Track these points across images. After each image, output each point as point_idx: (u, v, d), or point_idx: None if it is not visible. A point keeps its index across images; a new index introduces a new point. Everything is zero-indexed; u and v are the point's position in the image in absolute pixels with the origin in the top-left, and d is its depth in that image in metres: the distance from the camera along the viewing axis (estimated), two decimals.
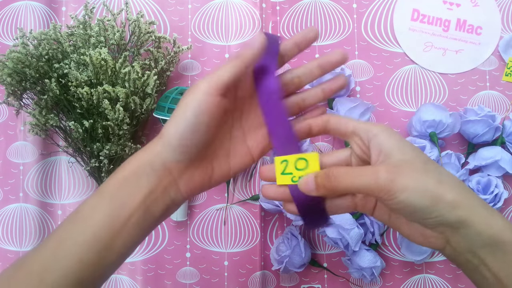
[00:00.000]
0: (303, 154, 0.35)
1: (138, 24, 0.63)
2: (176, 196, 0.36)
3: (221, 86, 0.34)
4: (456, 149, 0.65)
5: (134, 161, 0.35)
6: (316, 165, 0.35)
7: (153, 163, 0.35)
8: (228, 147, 0.39)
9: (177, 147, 0.34)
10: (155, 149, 0.35)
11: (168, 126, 0.35)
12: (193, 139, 0.34)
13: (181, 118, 0.34)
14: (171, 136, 0.34)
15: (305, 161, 0.35)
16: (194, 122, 0.34)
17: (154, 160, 0.35)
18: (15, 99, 0.63)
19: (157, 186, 0.34)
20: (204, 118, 0.34)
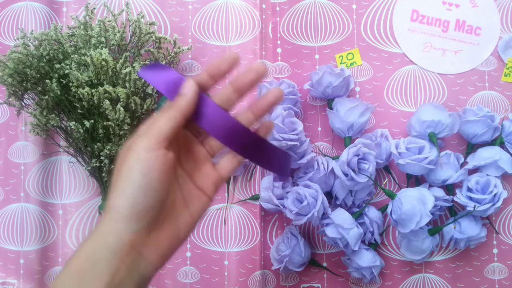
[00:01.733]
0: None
1: (139, 24, 0.63)
2: (145, 270, 0.33)
3: (162, 139, 0.32)
4: (455, 149, 0.66)
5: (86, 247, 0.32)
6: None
7: (108, 244, 0.31)
8: (182, 196, 0.36)
9: (131, 216, 0.31)
10: (106, 226, 0.31)
11: (114, 198, 0.31)
12: (147, 202, 0.31)
13: (127, 183, 0.31)
14: (121, 206, 0.31)
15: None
16: (143, 182, 0.31)
17: (109, 239, 0.31)
18: (16, 99, 0.64)
19: (119, 267, 0.31)
20: (154, 175, 0.31)
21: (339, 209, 0.59)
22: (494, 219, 0.65)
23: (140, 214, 0.31)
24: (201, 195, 0.37)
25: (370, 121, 0.66)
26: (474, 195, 0.59)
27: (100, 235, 0.31)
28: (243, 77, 0.36)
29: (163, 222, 0.34)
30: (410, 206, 0.55)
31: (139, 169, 0.31)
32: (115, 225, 0.31)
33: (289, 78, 0.67)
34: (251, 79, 0.36)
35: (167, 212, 0.34)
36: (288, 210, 0.59)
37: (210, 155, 0.38)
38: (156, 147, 0.32)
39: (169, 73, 0.35)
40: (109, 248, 0.31)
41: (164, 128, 0.32)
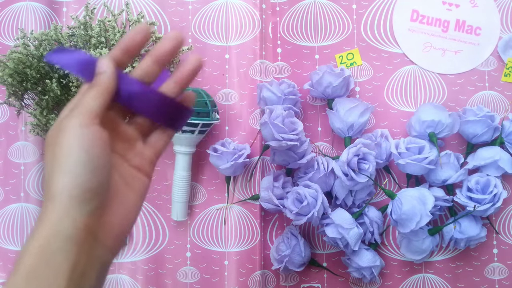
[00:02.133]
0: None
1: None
2: (104, 256, 0.31)
3: (94, 116, 0.31)
4: (455, 149, 0.66)
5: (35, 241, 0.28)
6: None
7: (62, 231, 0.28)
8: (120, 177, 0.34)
9: (81, 196, 0.29)
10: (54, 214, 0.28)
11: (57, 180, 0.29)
12: (94, 180, 0.29)
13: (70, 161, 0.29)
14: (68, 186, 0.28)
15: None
16: (87, 159, 0.29)
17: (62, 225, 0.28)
18: (16, 99, 0.64)
19: (79, 257, 0.28)
20: (96, 151, 0.30)
21: (339, 209, 0.59)
22: (494, 219, 0.65)
23: (90, 193, 0.29)
24: (139, 174, 0.35)
25: (370, 121, 0.66)
26: (474, 195, 0.59)
27: (49, 224, 0.28)
28: (162, 46, 0.34)
29: (112, 204, 0.32)
30: (410, 206, 0.55)
31: (81, 145, 0.29)
32: (65, 209, 0.28)
33: (289, 78, 0.67)
34: (171, 47, 0.34)
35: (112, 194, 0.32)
36: (288, 210, 0.59)
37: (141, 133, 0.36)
38: (90, 123, 0.30)
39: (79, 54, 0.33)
40: (65, 236, 0.28)
41: (93, 105, 0.31)
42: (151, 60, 0.34)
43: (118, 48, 0.34)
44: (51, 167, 0.29)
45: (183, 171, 0.63)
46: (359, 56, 0.68)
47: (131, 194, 0.34)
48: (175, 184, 0.64)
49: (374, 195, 0.64)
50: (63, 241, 0.28)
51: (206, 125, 0.61)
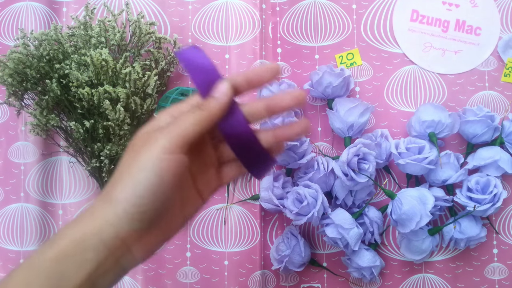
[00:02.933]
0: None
1: (139, 24, 0.63)
2: (128, 265, 0.31)
3: (184, 144, 0.30)
4: (455, 149, 0.66)
5: (76, 230, 0.30)
6: None
7: (102, 234, 0.29)
8: (180, 198, 0.34)
9: (135, 214, 0.29)
10: (104, 216, 0.29)
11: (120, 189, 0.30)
12: (154, 203, 0.30)
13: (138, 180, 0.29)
14: (127, 201, 0.29)
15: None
16: (155, 183, 0.29)
17: (104, 230, 0.29)
18: (16, 99, 0.64)
19: (106, 259, 0.29)
20: (167, 178, 0.29)
21: (339, 209, 0.59)
22: (494, 219, 0.65)
23: (145, 214, 0.30)
24: (197, 198, 0.35)
25: (370, 121, 0.66)
26: (474, 195, 0.59)
27: (95, 222, 0.29)
28: (281, 100, 0.33)
29: (159, 223, 0.32)
30: (410, 206, 0.55)
31: (154, 170, 0.29)
32: (115, 219, 0.29)
33: (289, 78, 0.67)
34: (288, 104, 0.33)
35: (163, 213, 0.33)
36: (288, 210, 0.59)
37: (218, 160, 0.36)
38: (176, 150, 0.30)
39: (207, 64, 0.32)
40: (102, 240, 0.29)
41: (189, 132, 0.30)
42: (265, 107, 0.34)
43: (243, 77, 0.33)
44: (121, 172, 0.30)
45: None
46: (359, 56, 0.68)
47: (181, 215, 0.34)
48: None
49: (374, 195, 0.64)
50: (98, 243, 0.29)
51: None
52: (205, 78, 0.32)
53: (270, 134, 0.35)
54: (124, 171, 0.30)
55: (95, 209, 0.30)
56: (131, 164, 0.30)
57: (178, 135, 0.30)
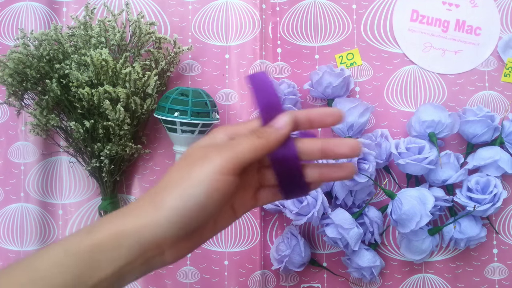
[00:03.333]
0: None
1: (139, 24, 0.63)
2: (156, 266, 0.33)
3: (239, 167, 0.31)
4: (455, 149, 0.66)
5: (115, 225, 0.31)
6: None
7: (141, 235, 0.30)
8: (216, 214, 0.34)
9: (177, 224, 0.30)
10: (147, 219, 0.30)
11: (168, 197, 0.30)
12: (197, 219, 0.31)
13: (189, 194, 0.30)
14: (173, 211, 0.30)
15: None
16: (204, 202, 0.30)
17: (143, 231, 0.30)
18: (16, 99, 0.64)
19: (138, 258, 0.30)
20: (216, 198, 0.30)
21: (339, 209, 0.59)
22: (494, 219, 0.65)
23: (186, 225, 0.31)
24: (232, 215, 0.36)
25: (370, 121, 0.66)
26: (474, 195, 0.59)
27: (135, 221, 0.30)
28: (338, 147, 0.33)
29: (195, 233, 0.33)
30: (410, 206, 0.55)
31: (205, 188, 0.30)
32: (156, 224, 0.30)
33: (289, 78, 0.67)
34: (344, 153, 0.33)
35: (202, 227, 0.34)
36: (288, 210, 0.59)
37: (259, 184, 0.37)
38: (230, 172, 0.31)
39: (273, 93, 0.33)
40: (139, 240, 0.30)
41: (245, 157, 0.31)
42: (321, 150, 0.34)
43: (306, 115, 0.34)
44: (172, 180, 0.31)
45: None
46: (359, 56, 0.68)
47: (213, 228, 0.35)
48: None
49: (374, 195, 0.64)
50: (134, 243, 0.30)
51: (206, 125, 0.61)
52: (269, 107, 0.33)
53: (317, 171, 0.35)
54: (175, 181, 0.31)
55: (138, 208, 0.31)
56: (184, 176, 0.31)
57: (233, 158, 0.31)
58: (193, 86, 0.68)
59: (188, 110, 0.59)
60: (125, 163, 0.65)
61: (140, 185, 0.67)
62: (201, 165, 0.31)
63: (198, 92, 0.61)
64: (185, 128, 0.60)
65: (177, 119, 0.59)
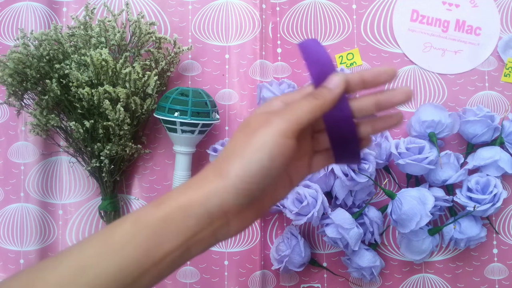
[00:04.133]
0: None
1: (139, 24, 0.63)
2: (223, 236, 0.34)
3: (299, 129, 0.31)
4: (455, 149, 0.66)
5: (183, 196, 0.32)
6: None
7: (209, 204, 0.31)
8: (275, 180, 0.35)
9: (243, 190, 0.31)
10: (213, 188, 0.31)
11: (232, 166, 0.31)
12: (262, 183, 0.31)
13: (253, 160, 0.30)
14: (238, 178, 0.31)
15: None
16: (268, 166, 0.31)
17: (210, 201, 0.31)
18: (16, 99, 0.64)
19: (205, 228, 0.32)
20: (279, 161, 0.31)
21: (339, 209, 0.59)
22: (494, 219, 0.65)
23: (251, 191, 0.31)
24: (288, 182, 0.37)
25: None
26: (474, 195, 0.59)
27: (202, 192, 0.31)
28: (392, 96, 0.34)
29: (258, 201, 0.34)
30: (410, 206, 0.55)
31: (271, 152, 0.30)
32: (223, 192, 0.31)
33: (289, 78, 0.67)
34: (400, 101, 0.34)
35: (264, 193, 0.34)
36: (288, 210, 0.59)
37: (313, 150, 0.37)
38: (291, 135, 0.31)
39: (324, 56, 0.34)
40: (207, 210, 0.31)
41: (303, 119, 0.31)
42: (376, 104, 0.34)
43: (359, 75, 0.34)
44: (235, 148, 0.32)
45: (183, 171, 0.63)
46: (359, 56, 0.68)
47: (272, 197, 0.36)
48: (175, 184, 0.64)
49: (374, 195, 0.64)
50: (202, 213, 0.31)
51: (206, 125, 0.61)
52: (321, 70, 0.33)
53: (369, 126, 0.36)
54: (237, 149, 0.31)
55: (204, 179, 0.32)
56: (247, 143, 0.31)
57: (294, 120, 0.31)
58: (193, 86, 0.68)
59: (188, 110, 0.59)
60: (125, 163, 0.65)
61: (140, 185, 0.67)
62: (263, 130, 0.31)
63: (198, 92, 0.61)
64: (185, 128, 0.60)
65: (177, 119, 0.59)
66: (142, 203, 0.67)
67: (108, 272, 0.29)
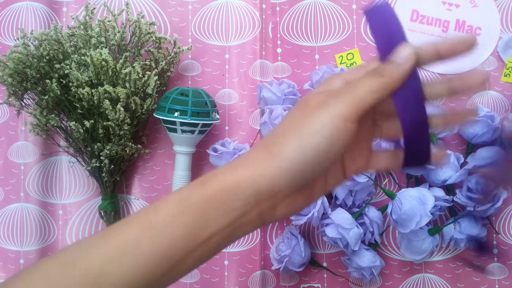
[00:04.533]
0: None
1: (139, 24, 0.63)
2: (269, 219, 0.31)
3: (362, 112, 0.28)
4: (455, 149, 0.66)
5: (231, 174, 0.30)
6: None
7: (256, 185, 0.29)
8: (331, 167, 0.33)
9: (297, 174, 0.29)
10: (262, 169, 0.29)
11: (286, 147, 0.29)
12: (317, 168, 0.29)
13: (309, 143, 0.28)
14: (291, 160, 0.28)
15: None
16: (324, 151, 0.28)
17: (260, 181, 0.29)
18: (16, 99, 0.64)
19: (252, 209, 0.30)
20: (338, 146, 0.28)
21: (339, 209, 0.59)
22: (494, 219, 0.65)
23: (304, 175, 0.29)
24: (340, 172, 0.34)
25: None
26: (474, 195, 0.59)
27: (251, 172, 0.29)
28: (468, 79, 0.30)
29: (308, 187, 0.32)
30: (410, 206, 0.55)
31: (328, 136, 0.28)
32: (273, 174, 0.29)
33: (289, 78, 0.67)
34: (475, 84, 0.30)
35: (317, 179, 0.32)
36: None
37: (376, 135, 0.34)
38: (353, 119, 0.28)
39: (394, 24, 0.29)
40: (256, 190, 0.29)
41: (367, 100, 0.28)
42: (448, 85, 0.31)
43: (432, 46, 0.30)
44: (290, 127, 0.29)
45: (183, 171, 0.63)
46: (359, 56, 0.68)
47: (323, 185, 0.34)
48: (175, 184, 0.64)
49: (374, 195, 0.64)
50: (249, 194, 0.29)
51: (206, 125, 0.61)
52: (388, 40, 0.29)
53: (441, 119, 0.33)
54: (293, 129, 0.29)
55: (253, 159, 0.30)
56: (303, 124, 0.29)
57: (355, 103, 0.28)
58: (193, 86, 0.68)
59: (188, 110, 0.59)
60: (125, 163, 0.65)
61: (140, 185, 0.67)
62: (321, 112, 0.28)
63: (198, 92, 0.61)
64: (185, 128, 0.60)
65: (177, 119, 0.59)
66: (142, 203, 0.67)
67: (152, 252, 0.28)
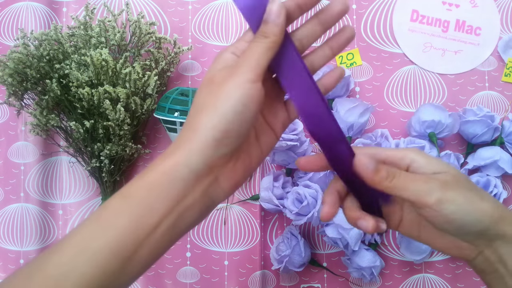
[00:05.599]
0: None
1: (139, 25, 0.63)
2: (217, 196, 0.33)
3: (261, 72, 0.32)
4: (455, 149, 0.66)
5: (165, 162, 0.31)
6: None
7: (190, 163, 0.31)
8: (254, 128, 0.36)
9: (223, 140, 0.31)
10: (192, 145, 0.31)
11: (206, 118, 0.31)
12: (240, 129, 0.31)
13: (225, 108, 0.31)
14: (215, 128, 0.30)
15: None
16: (242, 111, 0.31)
17: (192, 158, 0.31)
18: (16, 99, 0.64)
19: (194, 188, 0.31)
20: (252, 106, 0.31)
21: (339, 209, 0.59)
22: None
23: (231, 139, 0.31)
24: (269, 131, 0.37)
25: (370, 121, 0.66)
26: None
27: (183, 152, 0.31)
28: (330, 8, 0.34)
29: (241, 152, 0.34)
30: None
31: (241, 98, 0.31)
32: (203, 146, 0.31)
33: None
34: (339, 10, 0.34)
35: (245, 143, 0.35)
36: (288, 210, 0.59)
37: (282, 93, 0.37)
38: (256, 79, 0.31)
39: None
40: (191, 168, 0.31)
41: (263, 60, 0.32)
42: (317, 22, 0.35)
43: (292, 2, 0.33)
44: (204, 103, 0.32)
45: None
46: (359, 56, 0.68)
47: (258, 147, 0.36)
48: None
49: None
50: (187, 173, 0.30)
51: None
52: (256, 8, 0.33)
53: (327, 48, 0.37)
54: (207, 103, 0.32)
55: (181, 140, 0.32)
56: (216, 96, 0.31)
57: (256, 65, 0.32)
58: (193, 86, 0.68)
59: (188, 110, 0.59)
60: (125, 163, 0.65)
61: None
62: (229, 83, 0.31)
63: None
64: None
65: (177, 119, 0.59)
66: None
67: (105, 247, 0.29)
